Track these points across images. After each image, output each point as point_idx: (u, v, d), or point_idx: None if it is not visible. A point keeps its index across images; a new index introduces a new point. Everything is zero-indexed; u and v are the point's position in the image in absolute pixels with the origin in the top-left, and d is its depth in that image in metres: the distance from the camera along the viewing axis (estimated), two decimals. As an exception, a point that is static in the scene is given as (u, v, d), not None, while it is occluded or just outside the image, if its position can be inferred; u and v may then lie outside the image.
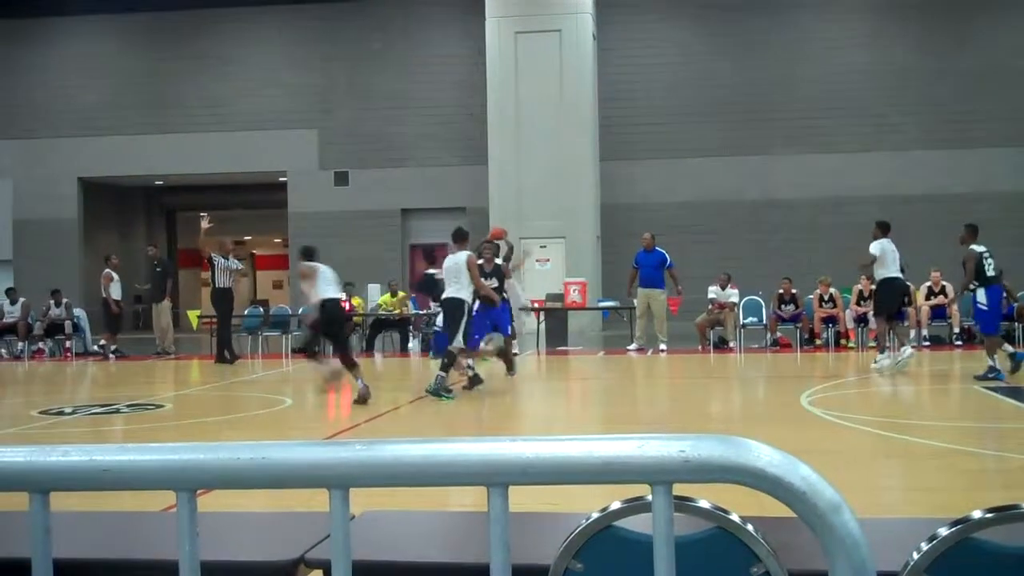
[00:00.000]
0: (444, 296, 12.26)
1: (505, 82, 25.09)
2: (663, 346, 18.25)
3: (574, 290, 20.08)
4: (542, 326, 19.84)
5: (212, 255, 17.44)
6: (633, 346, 18.53)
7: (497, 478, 1.54)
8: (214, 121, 27.18)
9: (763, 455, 1.47)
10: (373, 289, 20.54)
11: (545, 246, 24.67)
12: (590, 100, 25.36)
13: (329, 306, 11.62)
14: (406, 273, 25.92)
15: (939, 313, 18.88)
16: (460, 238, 12.44)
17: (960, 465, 7.33)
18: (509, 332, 13.84)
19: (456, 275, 11.96)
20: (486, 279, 12.85)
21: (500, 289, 13.38)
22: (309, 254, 12.12)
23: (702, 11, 26.24)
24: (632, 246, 19.22)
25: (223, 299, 17.66)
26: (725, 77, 25.79)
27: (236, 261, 18.16)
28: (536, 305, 20.03)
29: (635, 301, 18.80)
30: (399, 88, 26.71)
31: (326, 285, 11.65)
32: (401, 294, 19.99)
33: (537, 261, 24.31)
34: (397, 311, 19.43)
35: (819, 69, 25.44)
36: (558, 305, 19.93)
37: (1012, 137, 24.23)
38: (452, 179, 26.34)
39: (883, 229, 14.02)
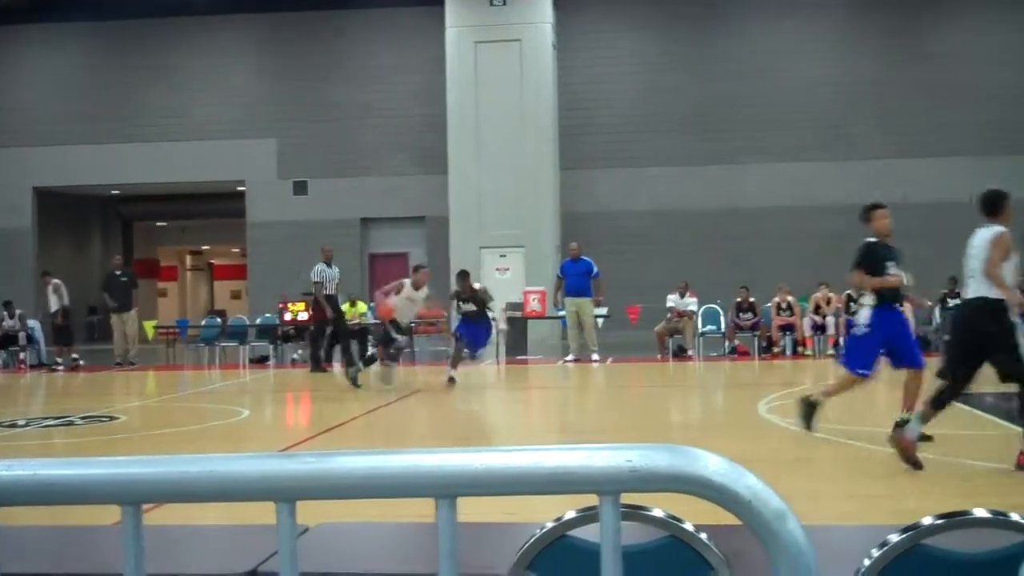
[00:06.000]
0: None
1: (465, 91, 25.10)
2: (595, 355, 18.26)
3: (533, 299, 20.10)
4: (501, 335, 19.83)
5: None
6: (570, 357, 18.51)
7: (445, 490, 1.53)
8: (172, 131, 26.97)
9: (710, 464, 1.48)
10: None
11: (505, 255, 24.71)
12: (550, 109, 25.43)
13: None
14: (365, 283, 25.82)
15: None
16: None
17: (916, 472, 7.40)
18: (477, 354, 14.83)
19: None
20: (464, 303, 14.52)
21: (481, 312, 14.66)
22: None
23: (663, 21, 26.41)
24: (592, 255, 19.26)
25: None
26: (686, 87, 25.96)
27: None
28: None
29: (564, 311, 18.79)
30: (359, 97, 26.65)
31: None
32: (360, 304, 19.87)
33: (496, 270, 24.34)
34: (356, 321, 19.33)
35: (780, 79, 25.65)
36: (517, 314, 19.94)
37: (971, 147, 24.53)
38: (412, 188, 26.30)
39: None
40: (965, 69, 25.16)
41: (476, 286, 14.83)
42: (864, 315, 8.45)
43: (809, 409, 8.72)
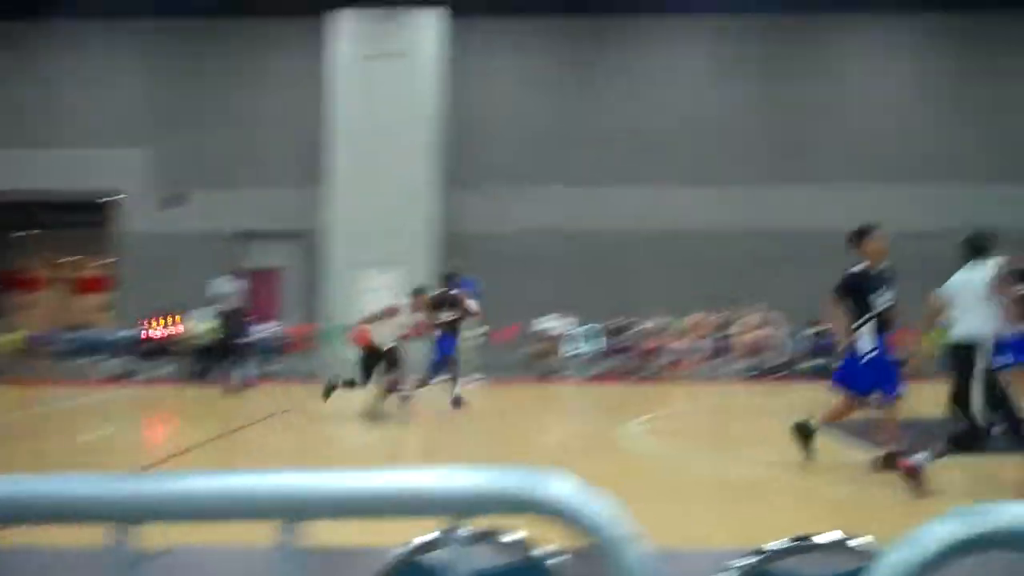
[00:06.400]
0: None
1: (349, 105, 24.90)
2: (478, 374, 18.27)
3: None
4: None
5: None
6: (477, 376, 18.44)
7: (287, 513, 1.49)
8: (41, 138, 26.06)
9: (561, 488, 1.47)
10: (203, 315, 19.99)
11: (382, 273, 24.54)
12: (436, 126, 25.39)
13: None
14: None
15: (763, 345, 19.54)
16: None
17: (773, 496, 7.56)
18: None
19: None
20: (444, 309, 14.11)
21: (456, 323, 14.29)
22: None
23: (552, 42, 26.64)
24: (472, 273, 19.23)
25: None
26: (571, 107, 26.22)
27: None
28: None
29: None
30: (238, 107, 26.17)
31: None
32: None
33: (373, 288, 24.14)
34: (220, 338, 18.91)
35: (661, 102, 26.12)
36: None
37: (845, 174, 25.34)
38: (291, 202, 25.91)
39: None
40: (838, 98, 26.04)
41: (456, 292, 14.03)
42: (866, 340, 8.38)
43: (805, 435, 8.66)
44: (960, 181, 25.40)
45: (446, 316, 14.11)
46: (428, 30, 25.25)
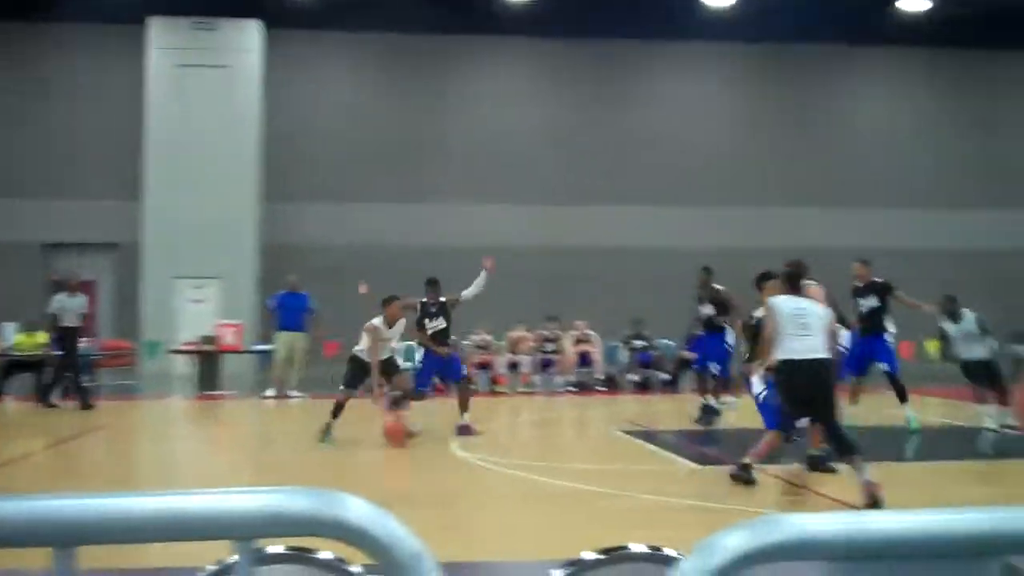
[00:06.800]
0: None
1: (167, 116, 24.24)
2: (296, 393, 17.98)
3: (229, 333, 19.50)
4: (194, 369, 19.12)
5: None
6: (270, 392, 18.09)
7: (62, 539, 1.40)
8: None
9: (351, 508, 1.44)
10: (8, 328, 18.99)
11: (200, 286, 23.94)
12: (256, 138, 24.95)
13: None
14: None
15: (585, 360, 19.84)
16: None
17: (595, 505, 7.68)
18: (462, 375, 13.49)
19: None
20: (431, 319, 13.00)
21: (447, 332, 13.25)
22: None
23: (375, 56, 26.54)
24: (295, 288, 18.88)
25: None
26: (394, 123, 26.17)
27: None
28: (187, 348, 19.29)
29: (277, 344, 18.36)
30: (51, 115, 25.05)
31: None
32: (41, 335, 18.54)
33: (191, 301, 23.56)
34: (35, 353, 18.01)
35: (487, 120, 26.34)
36: (211, 348, 19.28)
37: (660, 197, 26.06)
38: (103, 214, 24.96)
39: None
40: (661, 122, 26.81)
41: (443, 298, 13.18)
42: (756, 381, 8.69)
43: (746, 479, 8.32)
44: (761, 204, 26.63)
45: (434, 326, 13.13)
46: (246, 41, 24.85)
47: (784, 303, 7.81)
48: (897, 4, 26.06)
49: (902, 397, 12.01)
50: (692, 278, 12.28)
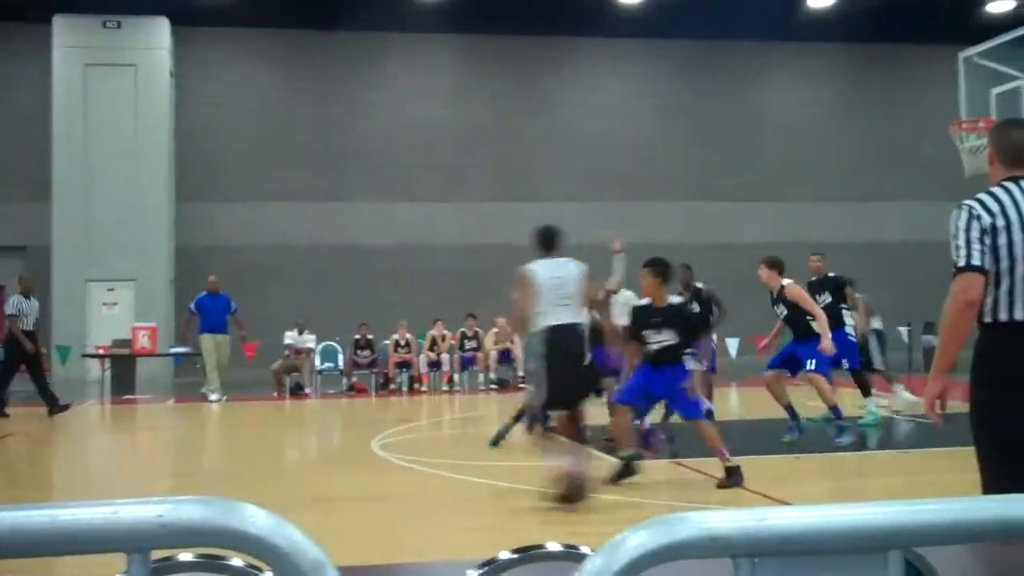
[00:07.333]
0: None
1: (74, 115, 23.73)
2: (214, 395, 17.70)
3: (143, 335, 19.16)
4: (107, 373, 18.74)
5: None
6: (215, 396, 17.75)
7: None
8: None
9: (247, 517, 1.40)
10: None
11: (113, 289, 23.48)
12: (167, 138, 24.55)
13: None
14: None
15: (505, 356, 19.84)
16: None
17: (517, 503, 7.68)
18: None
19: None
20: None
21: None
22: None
23: (285, 54, 26.25)
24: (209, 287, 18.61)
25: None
26: (307, 121, 25.93)
27: None
28: (100, 351, 18.90)
29: (203, 347, 18.03)
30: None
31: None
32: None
33: (104, 304, 23.09)
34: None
35: (403, 117, 26.21)
36: (125, 351, 18.92)
37: (573, 193, 26.19)
38: (11, 216, 24.34)
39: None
40: (568, 121, 26.93)
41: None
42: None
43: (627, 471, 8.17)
44: (675, 199, 26.93)
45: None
46: (154, 39, 24.45)
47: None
48: (807, 1, 26.52)
49: (865, 391, 12.11)
50: (608, 273, 12.33)
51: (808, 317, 10.37)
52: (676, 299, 8.91)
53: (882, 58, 27.94)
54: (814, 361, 10.25)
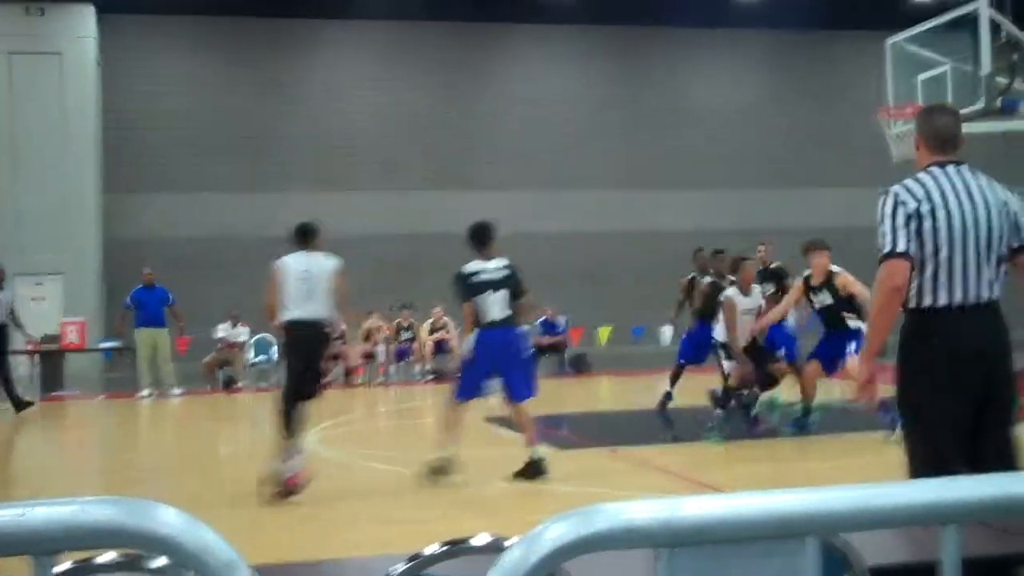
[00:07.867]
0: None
1: (-4, 104, 23.20)
2: (177, 390, 17.46)
3: (72, 330, 18.81)
4: (36, 370, 18.38)
5: None
6: (147, 392, 17.41)
7: None
8: None
9: (158, 517, 1.37)
10: None
11: (41, 283, 23.01)
12: (94, 128, 24.09)
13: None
14: None
15: (442, 347, 19.77)
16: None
17: (451, 495, 7.68)
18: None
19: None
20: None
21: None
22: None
23: (216, 42, 25.90)
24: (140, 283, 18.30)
25: None
26: (239, 112, 25.61)
27: None
28: (29, 347, 18.51)
29: (137, 341, 17.73)
30: None
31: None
32: None
33: (32, 299, 22.59)
34: None
35: (335, 106, 26.00)
36: (54, 347, 18.57)
37: (509, 181, 26.20)
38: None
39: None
40: (511, 103, 26.94)
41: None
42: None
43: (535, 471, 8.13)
44: (607, 187, 27.08)
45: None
46: (79, 27, 23.93)
47: None
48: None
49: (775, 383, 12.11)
50: (543, 262, 12.37)
51: (846, 311, 9.94)
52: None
53: (810, 45, 28.27)
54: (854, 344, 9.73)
